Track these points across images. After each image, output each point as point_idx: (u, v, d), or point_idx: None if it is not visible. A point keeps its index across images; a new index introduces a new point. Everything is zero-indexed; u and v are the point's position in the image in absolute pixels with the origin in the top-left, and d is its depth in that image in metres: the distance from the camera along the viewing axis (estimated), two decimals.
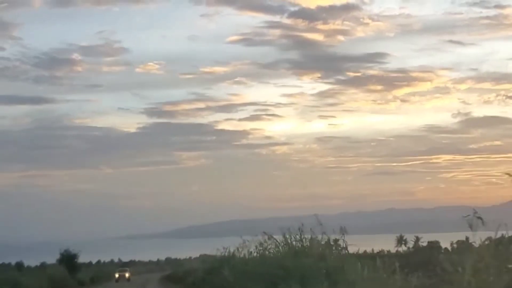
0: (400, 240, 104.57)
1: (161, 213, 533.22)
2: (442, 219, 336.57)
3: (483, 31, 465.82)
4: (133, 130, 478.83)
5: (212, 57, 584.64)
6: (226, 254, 26.24)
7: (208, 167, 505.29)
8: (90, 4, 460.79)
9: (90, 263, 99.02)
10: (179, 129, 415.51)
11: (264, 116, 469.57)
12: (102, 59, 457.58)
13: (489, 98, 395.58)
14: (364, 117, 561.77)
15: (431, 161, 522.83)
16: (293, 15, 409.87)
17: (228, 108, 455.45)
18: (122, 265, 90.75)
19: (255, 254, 20.91)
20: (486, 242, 10.13)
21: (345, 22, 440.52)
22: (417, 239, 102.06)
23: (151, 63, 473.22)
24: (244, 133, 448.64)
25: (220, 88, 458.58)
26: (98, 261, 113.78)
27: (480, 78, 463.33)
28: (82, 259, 64.84)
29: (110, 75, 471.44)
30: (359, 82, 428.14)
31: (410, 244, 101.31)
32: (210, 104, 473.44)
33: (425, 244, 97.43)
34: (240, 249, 23.66)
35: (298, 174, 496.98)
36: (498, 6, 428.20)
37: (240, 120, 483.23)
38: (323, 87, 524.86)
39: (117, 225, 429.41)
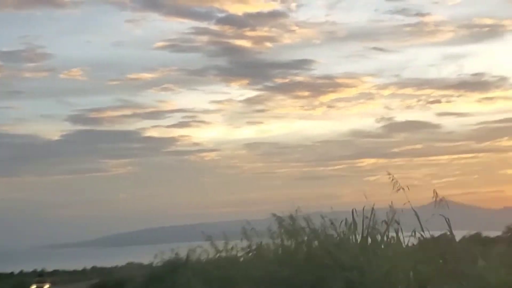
0: None
1: (87, 221, 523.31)
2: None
3: (405, 38, 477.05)
4: (56, 137, 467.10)
5: (139, 63, 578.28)
6: (174, 259, 25.59)
7: (136, 174, 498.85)
8: (12, 8, 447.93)
9: (12, 273, 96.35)
10: (105, 136, 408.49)
11: (192, 123, 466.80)
12: (24, 64, 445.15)
13: (411, 103, 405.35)
14: (292, 123, 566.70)
15: (356, 165, 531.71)
16: (220, 21, 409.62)
17: (156, 115, 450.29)
18: (40, 275, 74.99)
19: (218, 257, 20.36)
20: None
21: (273, 29, 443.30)
22: None
23: (75, 69, 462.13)
24: (172, 140, 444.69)
25: (147, 95, 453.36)
26: (21, 272, 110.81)
27: (403, 84, 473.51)
28: (3, 269, 62.56)
29: (32, 81, 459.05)
30: (286, 89, 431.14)
31: None
32: (137, 111, 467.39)
33: None
34: (195, 253, 23.02)
35: (227, 180, 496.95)
36: (419, 14, 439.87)
37: (168, 127, 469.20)
38: (251, 93, 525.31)
39: (41, 234, 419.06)
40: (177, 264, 24.31)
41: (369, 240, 12.81)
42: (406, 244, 11.65)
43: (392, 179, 11.29)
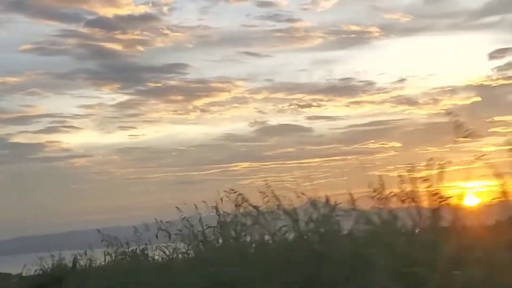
0: None
1: None
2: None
3: (277, 44, 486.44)
4: None
5: (3, 67, 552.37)
6: (58, 266, 23.59)
7: (2, 182, 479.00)
8: None
9: None
10: None
11: (61, 128, 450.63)
12: None
13: (283, 107, 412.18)
14: (165, 127, 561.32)
15: (230, 168, 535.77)
16: (90, 24, 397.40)
17: (22, 120, 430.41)
18: None
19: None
20: None
21: (144, 32, 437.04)
22: None
23: None
24: (40, 146, 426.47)
25: (12, 99, 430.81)
26: None
27: (275, 89, 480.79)
28: None
29: None
30: (159, 93, 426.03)
31: None
32: (2, 116, 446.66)
33: None
34: (85, 260, 21.37)
35: (98, 186, 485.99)
36: (290, 20, 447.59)
37: (35, 132, 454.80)
38: (123, 97, 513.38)
39: None
40: (64, 272, 22.96)
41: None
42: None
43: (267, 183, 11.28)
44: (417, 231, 8.66)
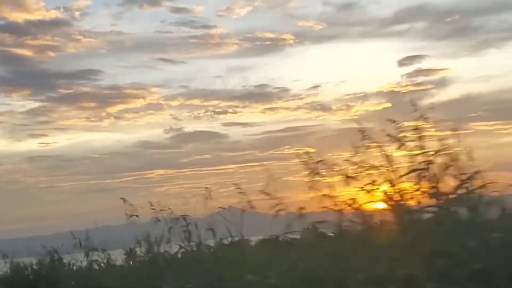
0: (130, 253, 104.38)
1: None
2: (156, 232, 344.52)
3: (192, 50, 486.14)
4: None
5: None
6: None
7: None
8: None
9: None
10: None
11: None
12: None
13: (199, 114, 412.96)
14: (78, 134, 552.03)
15: (145, 176, 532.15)
16: None
17: None
18: None
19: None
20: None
21: (56, 38, 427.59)
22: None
23: None
24: None
25: None
26: None
27: (190, 95, 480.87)
28: None
29: None
30: (71, 99, 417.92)
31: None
32: None
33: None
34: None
35: (7, 196, 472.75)
36: (205, 27, 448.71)
37: None
38: (33, 104, 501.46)
39: None
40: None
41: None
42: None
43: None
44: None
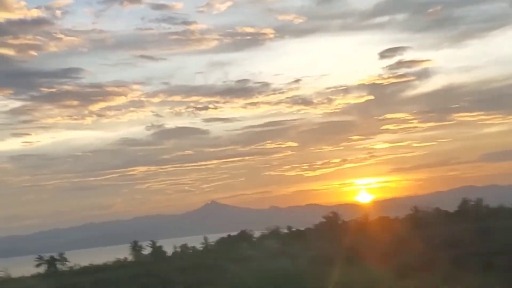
0: (135, 247, 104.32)
1: None
2: (140, 229, 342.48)
3: (172, 46, 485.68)
4: None
5: None
6: None
7: None
8: None
9: None
10: None
11: None
12: None
13: (180, 110, 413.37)
14: (61, 133, 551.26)
15: (127, 173, 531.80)
16: None
17: None
18: None
19: None
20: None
21: (37, 37, 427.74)
22: (154, 243, 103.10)
23: None
24: None
25: None
26: None
27: (171, 92, 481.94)
28: None
29: None
30: (54, 98, 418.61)
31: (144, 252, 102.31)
32: None
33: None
34: None
35: None
36: (185, 23, 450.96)
37: None
38: (16, 103, 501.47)
39: None
40: None
41: None
42: None
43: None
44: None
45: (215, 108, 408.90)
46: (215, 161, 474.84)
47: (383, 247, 46.50)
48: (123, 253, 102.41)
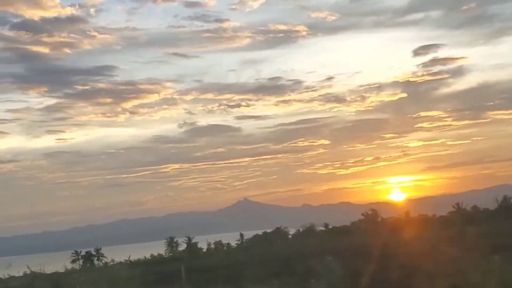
0: (171, 243, 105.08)
1: None
2: (172, 225, 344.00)
3: (205, 44, 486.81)
4: None
5: None
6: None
7: None
8: None
9: None
10: None
11: None
12: None
13: (212, 108, 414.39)
14: (94, 130, 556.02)
15: (160, 170, 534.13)
16: (16, 27, 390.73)
17: None
18: None
19: None
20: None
21: (71, 35, 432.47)
22: (190, 240, 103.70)
23: None
24: None
25: None
26: None
27: (204, 89, 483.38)
28: None
29: None
30: (88, 95, 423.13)
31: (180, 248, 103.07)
32: None
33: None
34: None
35: (26, 192, 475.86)
36: (218, 20, 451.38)
37: None
38: (50, 101, 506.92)
39: None
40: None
41: None
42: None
43: None
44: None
45: (247, 105, 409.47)
46: (247, 159, 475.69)
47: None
48: (156, 249, 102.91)
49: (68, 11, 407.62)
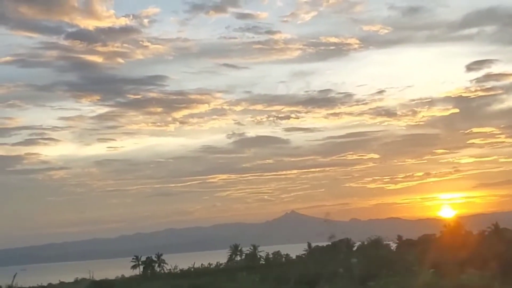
0: (235, 251, 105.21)
1: None
2: (219, 236, 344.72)
3: (256, 55, 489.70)
4: None
5: None
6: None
7: None
8: None
9: None
10: None
11: (40, 140, 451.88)
12: None
13: (261, 119, 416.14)
14: (144, 139, 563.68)
15: (207, 180, 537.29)
16: (70, 36, 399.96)
17: (1, 132, 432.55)
18: None
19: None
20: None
21: (125, 45, 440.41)
22: (255, 248, 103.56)
23: None
24: (18, 158, 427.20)
25: None
26: None
27: (253, 100, 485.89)
28: None
29: None
30: (139, 105, 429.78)
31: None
32: None
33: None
34: None
35: (76, 198, 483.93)
36: (269, 32, 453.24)
37: (14, 144, 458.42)
38: (102, 109, 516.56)
39: None
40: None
41: None
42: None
43: None
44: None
45: (297, 117, 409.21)
46: (295, 171, 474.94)
47: None
48: (209, 258, 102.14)
49: (122, 21, 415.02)
